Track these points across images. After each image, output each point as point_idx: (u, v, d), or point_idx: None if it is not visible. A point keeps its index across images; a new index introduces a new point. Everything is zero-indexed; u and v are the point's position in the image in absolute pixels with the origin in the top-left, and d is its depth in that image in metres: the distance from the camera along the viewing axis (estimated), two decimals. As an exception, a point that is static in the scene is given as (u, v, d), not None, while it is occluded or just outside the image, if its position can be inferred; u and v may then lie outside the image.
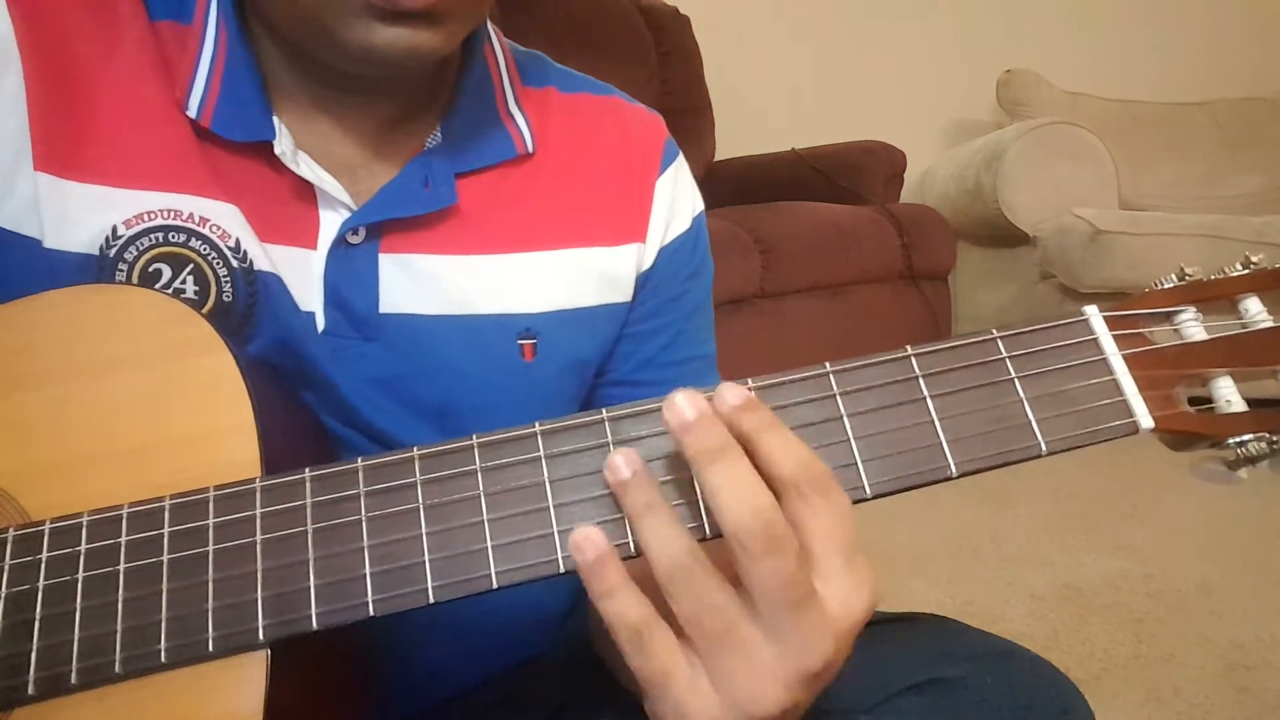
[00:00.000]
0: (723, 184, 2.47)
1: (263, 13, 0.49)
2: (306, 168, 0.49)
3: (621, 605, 0.33)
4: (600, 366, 0.60)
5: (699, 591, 0.33)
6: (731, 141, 2.59)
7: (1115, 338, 0.39)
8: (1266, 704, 1.14)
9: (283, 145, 0.48)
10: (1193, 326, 0.39)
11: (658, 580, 0.34)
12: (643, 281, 0.59)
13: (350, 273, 0.50)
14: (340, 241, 0.50)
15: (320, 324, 0.50)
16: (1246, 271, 0.39)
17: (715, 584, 0.33)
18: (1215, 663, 1.23)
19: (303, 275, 0.50)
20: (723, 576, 0.34)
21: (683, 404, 0.34)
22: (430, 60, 0.46)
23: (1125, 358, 0.39)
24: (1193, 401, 0.39)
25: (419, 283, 0.52)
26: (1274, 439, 0.37)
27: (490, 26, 0.57)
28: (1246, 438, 0.38)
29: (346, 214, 0.50)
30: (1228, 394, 0.39)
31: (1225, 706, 1.14)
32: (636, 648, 0.33)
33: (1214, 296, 0.39)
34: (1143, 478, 1.89)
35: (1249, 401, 0.38)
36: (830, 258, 2.10)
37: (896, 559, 1.57)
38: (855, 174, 2.38)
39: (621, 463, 0.35)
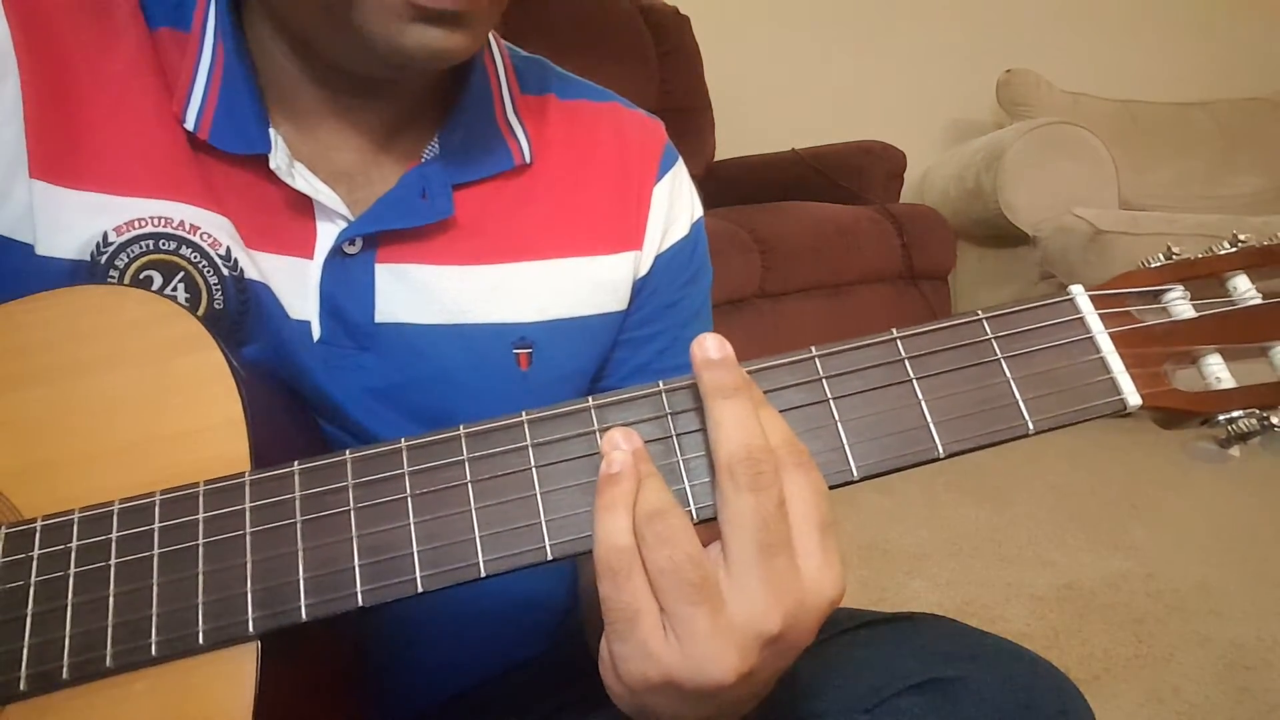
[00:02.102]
0: (723, 184, 2.47)
1: (276, 11, 0.48)
2: (302, 180, 0.49)
3: (618, 524, 0.34)
4: (597, 373, 0.59)
5: (680, 539, 0.34)
6: (731, 141, 2.59)
7: (1101, 316, 0.39)
8: (1266, 704, 1.14)
9: (278, 159, 0.48)
10: (1180, 305, 0.39)
11: (637, 529, 0.34)
12: (639, 289, 0.59)
13: (346, 282, 0.50)
14: (336, 251, 0.50)
15: (316, 333, 0.50)
16: (1235, 250, 0.39)
17: (694, 537, 0.34)
18: (1215, 663, 1.23)
19: (297, 285, 0.50)
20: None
21: (711, 344, 0.36)
22: (455, 62, 0.46)
23: (1112, 336, 0.38)
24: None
25: (415, 292, 0.52)
26: (1264, 414, 0.37)
27: (490, 33, 0.57)
28: (1237, 414, 0.37)
29: (343, 224, 0.50)
30: (1217, 371, 0.38)
31: (1225, 706, 1.14)
32: (614, 576, 0.34)
33: (1202, 275, 0.39)
34: (1143, 478, 1.89)
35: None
36: (830, 258, 2.10)
37: (896, 559, 1.56)
38: (855, 174, 2.38)
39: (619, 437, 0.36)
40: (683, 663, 0.33)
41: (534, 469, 0.38)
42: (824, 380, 0.38)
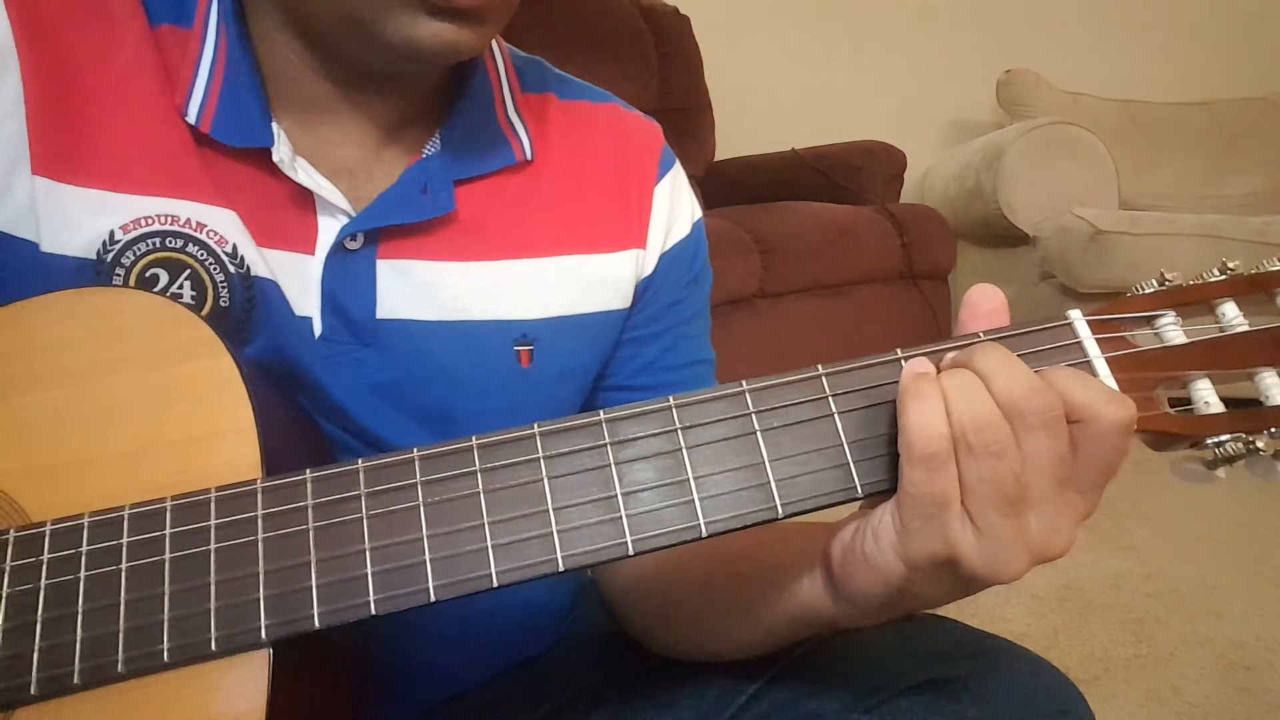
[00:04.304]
0: (722, 184, 2.47)
1: (286, 2, 0.48)
2: (305, 174, 0.49)
3: (935, 412, 0.36)
4: (600, 371, 0.60)
5: (1010, 454, 0.35)
6: (731, 141, 2.59)
7: (1098, 341, 0.40)
8: (1266, 704, 1.14)
9: (281, 152, 0.48)
10: (1172, 330, 0.40)
11: (966, 435, 0.35)
12: (643, 288, 0.60)
13: (348, 278, 0.50)
14: (338, 247, 0.50)
15: (317, 329, 0.50)
16: (1223, 277, 0.40)
17: (1018, 453, 0.36)
18: (1215, 663, 1.23)
19: (300, 280, 0.50)
20: None
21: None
22: (465, 58, 0.47)
23: (1108, 360, 0.39)
24: (1173, 403, 0.40)
25: (416, 289, 0.52)
26: (1250, 439, 0.38)
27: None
28: (1224, 438, 0.39)
29: (345, 220, 0.50)
30: (1206, 396, 0.39)
31: (1225, 706, 1.14)
32: (931, 462, 0.35)
33: (1193, 301, 0.40)
34: (1143, 478, 1.89)
35: (1226, 403, 0.39)
36: (830, 258, 2.10)
37: (897, 559, 1.56)
38: (855, 174, 2.38)
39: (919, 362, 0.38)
40: (977, 554, 0.36)
41: (546, 481, 0.38)
42: (830, 398, 0.39)
